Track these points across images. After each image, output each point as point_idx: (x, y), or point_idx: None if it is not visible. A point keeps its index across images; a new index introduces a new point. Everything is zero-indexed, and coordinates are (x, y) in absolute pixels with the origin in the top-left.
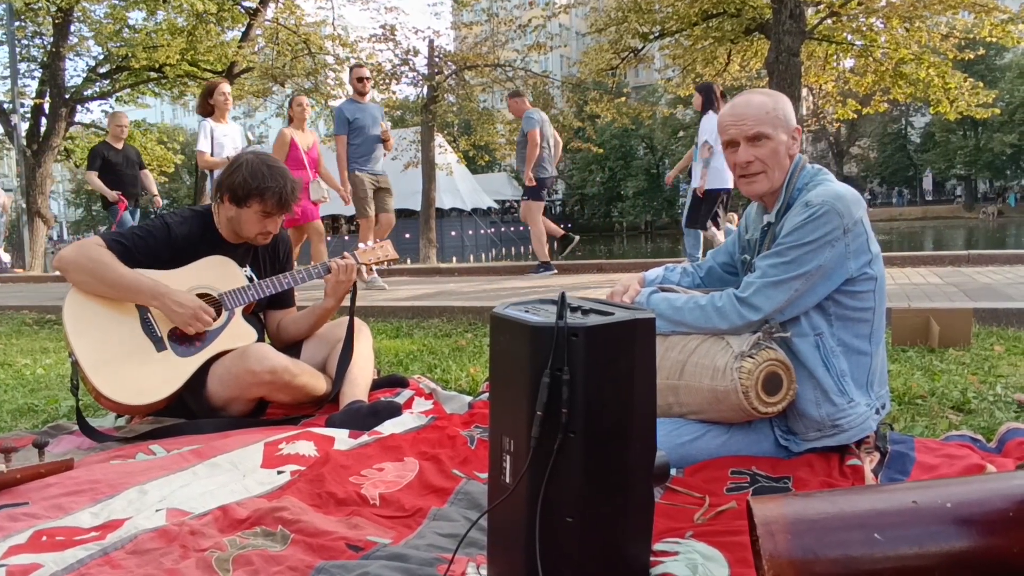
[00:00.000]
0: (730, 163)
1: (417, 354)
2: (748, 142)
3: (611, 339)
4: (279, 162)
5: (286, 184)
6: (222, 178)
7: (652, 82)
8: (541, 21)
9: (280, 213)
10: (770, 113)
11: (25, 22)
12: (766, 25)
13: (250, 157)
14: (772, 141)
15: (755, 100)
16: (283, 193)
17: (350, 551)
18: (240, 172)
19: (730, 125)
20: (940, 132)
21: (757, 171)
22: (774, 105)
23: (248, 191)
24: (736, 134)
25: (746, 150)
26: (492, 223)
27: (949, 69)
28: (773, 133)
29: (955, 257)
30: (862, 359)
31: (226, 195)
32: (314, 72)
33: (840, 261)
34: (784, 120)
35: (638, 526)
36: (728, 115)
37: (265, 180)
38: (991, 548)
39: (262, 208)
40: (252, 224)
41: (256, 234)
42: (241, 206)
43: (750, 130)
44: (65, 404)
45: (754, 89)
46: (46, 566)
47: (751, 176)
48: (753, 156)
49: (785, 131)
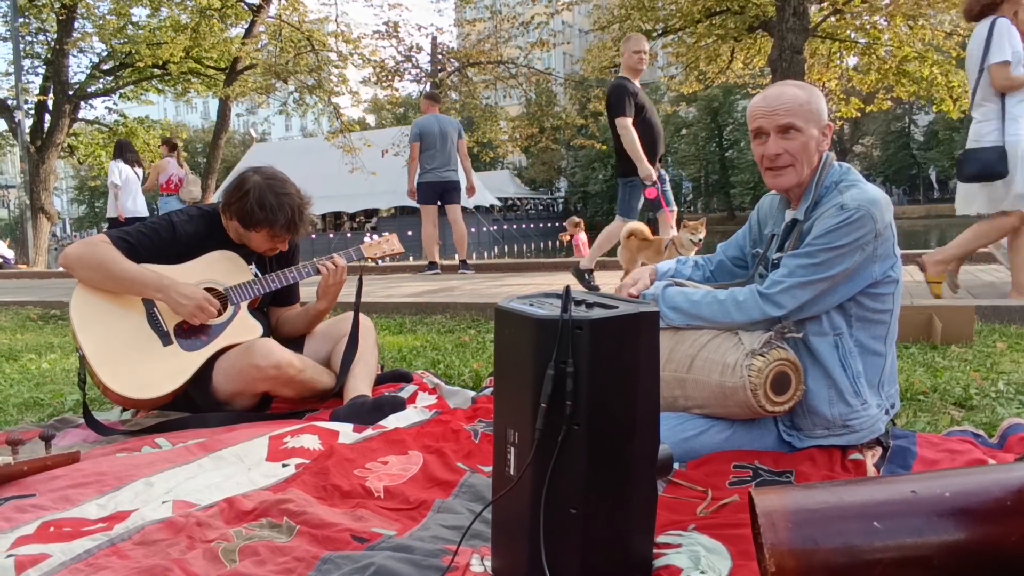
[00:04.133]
0: (757, 155)
1: (420, 350)
2: (778, 133)
3: (615, 332)
4: (284, 184)
5: (294, 212)
6: (230, 199)
7: (655, 79)
8: (544, 18)
9: (288, 236)
10: (803, 106)
11: (29, 18)
12: (769, 22)
13: (257, 183)
14: (803, 135)
15: (788, 91)
16: (291, 221)
17: (355, 542)
18: (248, 201)
19: (760, 115)
20: (943, 130)
21: (785, 164)
22: (808, 98)
23: (256, 221)
24: (766, 124)
25: (776, 142)
26: (495, 220)
27: (953, 67)
28: (804, 126)
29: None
30: (877, 360)
31: (233, 217)
32: (317, 69)
33: (866, 265)
34: (817, 114)
35: (641, 518)
36: (759, 104)
37: (272, 212)
38: (989, 537)
39: (270, 233)
40: (261, 243)
41: (264, 250)
42: (249, 231)
43: (781, 120)
44: (70, 398)
45: (788, 81)
46: (54, 556)
47: (779, 169)
48: (782, 148)
49: (816, 126)
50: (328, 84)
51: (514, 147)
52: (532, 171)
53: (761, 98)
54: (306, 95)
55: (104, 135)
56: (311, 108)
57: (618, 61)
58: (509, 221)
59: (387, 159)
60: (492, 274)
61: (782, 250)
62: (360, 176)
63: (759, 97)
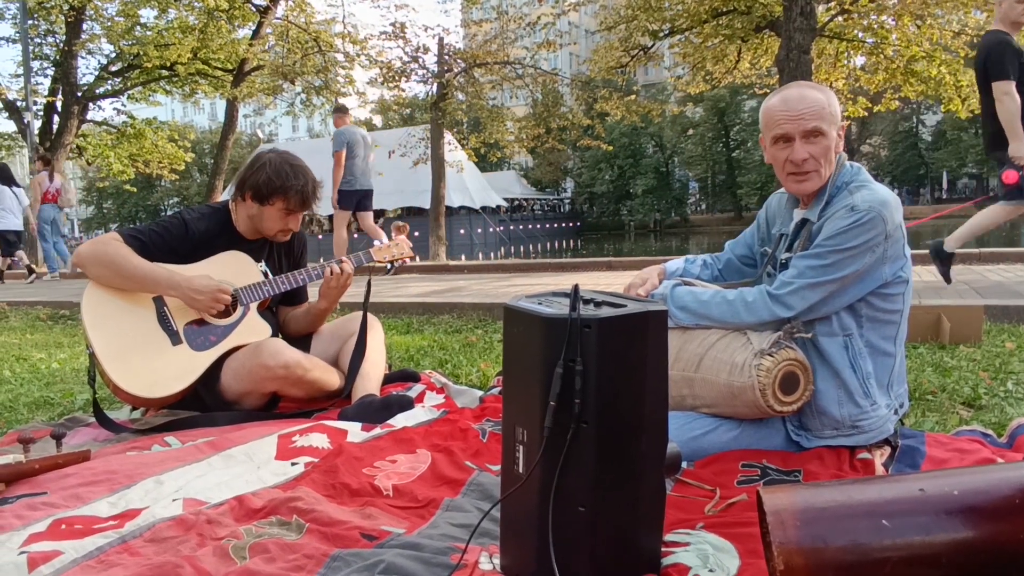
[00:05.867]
0: (778, 160)
1: (428, 350)
2: (803, 138)
3: (623, 331)
4: (300, 160)
5: (308, 183)
6: (244, 177)
7: (662, 80)
8: (551, 19)
9: (302, 210)
10: (825, 109)
11: (38, 20)
12: (776, 22)
13: (272, 156)
14: (826, 138)
15: (809, 94)
16: (305, 191)
17: (364, 540)
18: (264, 171)
19: (785, 120)
20: (952, 130)
21: (810, 169)
22: (828, 100)
23: (272, 190)
24: (792, 130)
25: (802, 147)
26: (501, 221)
27: (961, 67)
28: (828, 130)
29: (966, 255)
30: (886, 360)
31: (248, 193)
32: (324, 70)
33: (876, 266)
34: (835, 116)
35: (650, 516)
36: (781, 109)
37: (288, 179)
38: (998, 535)
39: (285, 206)
40: (274, 221)
41: (277, 231)
42: (264, 204)
43: (808, 124)
44: (80, 397)
45: (802, 82)
46: (66, 553)
47: (804, 174)
48: (808, 153)
49: (836, 128)
50: (335, 85)
51: (520, 147)
52: (538, 172)
53: (782, 102)
54: (313, 96)
55: (112, 136)
56: (318, 109)
57: (624, 62)
58: (515, 222)
59: (392, 160)
60: (499, 274)
61: (791, 250)
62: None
63: (778, 100)
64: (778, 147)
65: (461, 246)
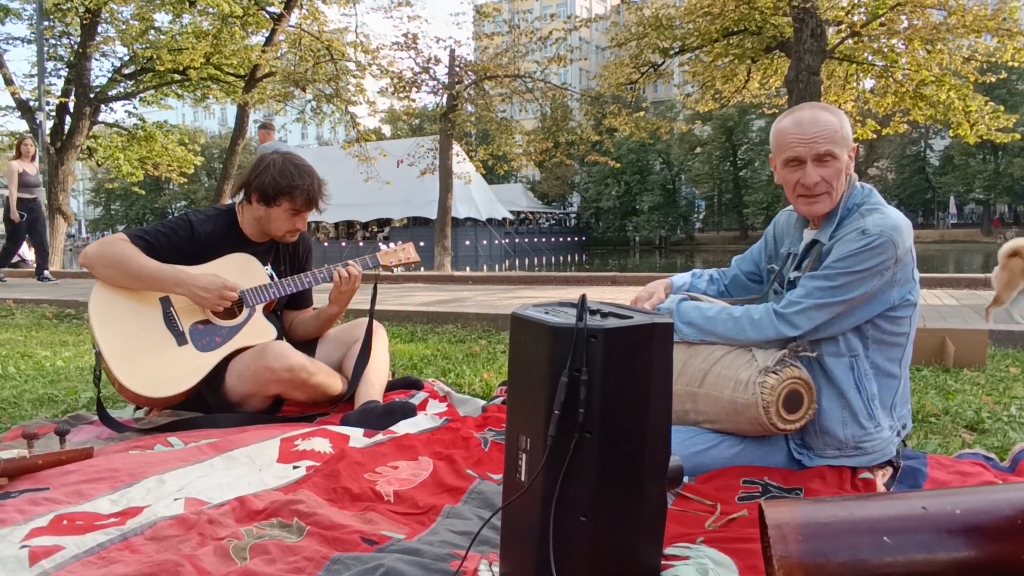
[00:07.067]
0: (789, 182)
1: (431, 358)
2: (815, 161)
3: (629, 342)
4: (305, 161)
5: (313, 182)
6: (250, 179)
7: (671, 97)
8: (562, 34)
9: (308, 210)
10: (838, 132)
11: (54, 21)
12: (787, 43)
13: (276, 158)
14: (838, 161)
15: (822, 117)
16: (311, 191)
17: (365, 544)
18: (269, 172)
19: (797, 143)
20: (959, 155)
21: (822, 192)
22: (840, 123)
23: (278, 191)
24: (804, 153)
25: (814, 170)
26: (507, 234)
27: (970, 92)
28: (840, 153)
29: (972, 280)
30: (891, 382)
31: (255, 195)
32: (335, 78)
33: (885, 290)
34: (847, 139)
35: (651, 528)
36: (793, 132)
37: (294, 179)
38: (999, 555)
39: (291, 206)
40: (281, 222)
41: (285, 232)
42: (270, 205)
43: (820, 148)
44: (84, 395)
45: (813, 104)
46: (68, 548)
47: (815, 197)
48: (819, 177)
49: (847, 150)
50: (346, 93)
51: (528, 161)
52: (545, 185)
53: (794, 124)
54: (323, 104)
55: (123, 138)
56: (328, 117)
57: (634, 78)
58: (521, 235)
59: (400, 170)
60: (504, 286)
61: (799, 269)
62: (374, 186)
63: (790, 122)
64: (789, 169)
65: (466, 257)
